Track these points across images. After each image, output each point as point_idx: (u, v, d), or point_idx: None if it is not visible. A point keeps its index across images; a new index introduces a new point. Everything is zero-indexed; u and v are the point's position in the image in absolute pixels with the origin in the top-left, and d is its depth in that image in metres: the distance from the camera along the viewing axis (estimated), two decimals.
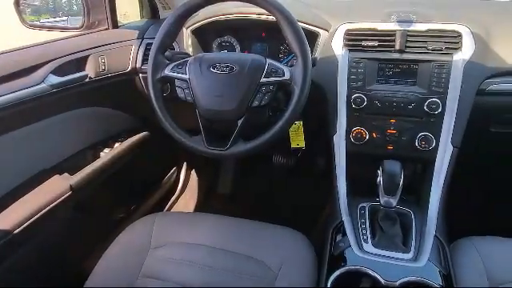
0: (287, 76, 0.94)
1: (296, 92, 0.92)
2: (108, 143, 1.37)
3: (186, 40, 1.28)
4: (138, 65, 1.31)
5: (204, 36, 1.35)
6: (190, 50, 1.28)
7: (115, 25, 1.37)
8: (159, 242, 0.98)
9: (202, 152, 0.97)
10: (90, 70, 1.17)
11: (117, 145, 1.39)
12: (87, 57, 1.17)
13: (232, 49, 1.36)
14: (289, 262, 0.92)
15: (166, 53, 1.05)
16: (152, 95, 1.00)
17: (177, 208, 1.83)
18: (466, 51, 1.03)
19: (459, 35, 1.04)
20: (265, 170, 1.98)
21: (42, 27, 1.33)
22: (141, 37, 1.34)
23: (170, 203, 1.77)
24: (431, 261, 0.86)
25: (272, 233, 1.01)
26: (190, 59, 1.01)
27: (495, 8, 1.24)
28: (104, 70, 1.22)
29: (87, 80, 1.17)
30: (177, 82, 0.99)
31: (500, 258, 0.89)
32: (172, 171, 1.80)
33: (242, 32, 1.35)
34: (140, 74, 1.32)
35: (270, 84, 0.94)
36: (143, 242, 0.98)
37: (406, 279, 0.79)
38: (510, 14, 1.18)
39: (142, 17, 1.50)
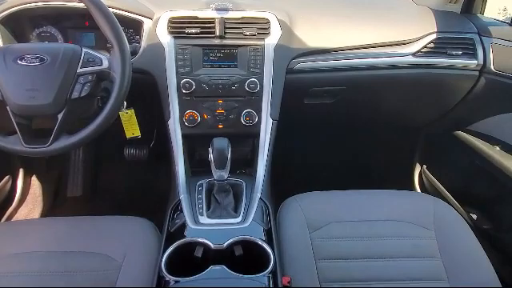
0: (105, 65, 0.93)
1: (116, 80, 0.92)
2: None
3: None
4: None
5: (18, 27, 1.21)
6: None
7: None
8: None
9: (20, 152, 0.90)
10: None
11: None
12: None
13: (54, 40, 1.26)
14: (133, 249, 0.93)
15: None
16: None
17: (17, 220, 1.63)
18: (275, 36, 1.18)
19: (268, 22, 1.18)
20: (118, 165, 1.91)
21: None
22: None
23: (6, 216, 1.57)
24: (255, 220, 0.98)
25: (115, 224, 1.01)
26: None
27: None
28: None
29: None
30: None
31: (317, 208, 1.06)
32: (5, 180, 1.59)
33: (64, 21, 1.26)
34: None
35: (88, 74, 0.91)
36: None
37: (231, 240, 0.88)
38: (308, 4, 1.38)
39: None
